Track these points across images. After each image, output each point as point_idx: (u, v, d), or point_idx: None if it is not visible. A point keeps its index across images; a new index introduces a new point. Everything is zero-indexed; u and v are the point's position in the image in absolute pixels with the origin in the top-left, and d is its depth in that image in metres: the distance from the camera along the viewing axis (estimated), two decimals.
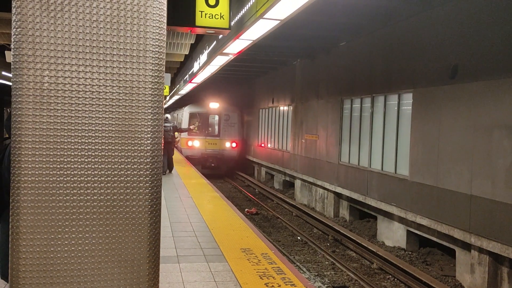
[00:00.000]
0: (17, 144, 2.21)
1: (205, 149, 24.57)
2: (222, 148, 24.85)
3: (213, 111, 25.26)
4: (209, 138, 24.91)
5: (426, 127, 10.36)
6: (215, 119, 25.64)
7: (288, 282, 5.22)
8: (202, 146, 24.59)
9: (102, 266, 2.32)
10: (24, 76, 2.19)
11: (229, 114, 25.32)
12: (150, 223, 2.41)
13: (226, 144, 24.93)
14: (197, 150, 24.43)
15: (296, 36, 13.91)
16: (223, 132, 25.00)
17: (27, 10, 2.20)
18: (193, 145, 24.47)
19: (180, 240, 6.93)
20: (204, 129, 25.05)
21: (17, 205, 2.21)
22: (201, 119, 25.14)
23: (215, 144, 24.82)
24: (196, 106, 25.89)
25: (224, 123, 25.07)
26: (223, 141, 24.95)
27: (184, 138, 24.41)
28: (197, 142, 24.55)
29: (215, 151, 24.73)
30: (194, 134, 24.41)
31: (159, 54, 2.41)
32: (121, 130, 2.34)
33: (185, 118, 25.41)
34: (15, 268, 2.23)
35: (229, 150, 25.02)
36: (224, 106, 25.72)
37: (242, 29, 7.34)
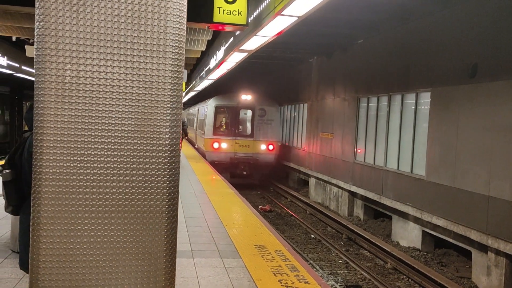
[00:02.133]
0: (38, 136, 2.25)
1: (235, 152, 19.75)
2: (256, 151, 19.88)
3: (245, 105, 20.18)
4: (239, 139, 19.92)
5: (444, 126, 10.21)
6: (247, 114, 20.74)
7: (302, 279, 5.21)
8: (231, 149, 19.71)
9: (120, 258, 2.35)
10: (46, 69, 2.22)
11: (265, 108, 20.23)
12: (167, 217, 2.43)
13: (261, 146, 19.93)
14: (224, 154, 19.69)
15: (312, 33, 13.84)
16: (257, 132, 20.02)
17: (50, 5, 2.23)
18: (219, 148, 19.65)
19: (195, 235, 6.96)
20: (234, 127, 20.04)
21: (38, 196, 2.25)
22: (230, 114, 20.21)
23: (247, 147, 19.87)
24: (223, 98, 20.64)
25: (259, 119, 20.09)
26: (257, 142, 19.95)
27: (209, 138, 19.81)
28: (224, 144, 19.65)
29: (247, 156, 19.81)
30: (221, 134, 19.85)
31: (179, 50, 2.42)
32: (140, 125, 2.36)
33: (209, 113, 20.23)
34: (35, 258, 2.27)
35: (264, 154, 20.05)
36: (259, 99, 20.65)
37: (259, 25, 7.33)
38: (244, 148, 19.90)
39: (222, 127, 20.12)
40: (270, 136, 20.16)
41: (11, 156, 3.41)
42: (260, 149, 19.97)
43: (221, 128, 20.06)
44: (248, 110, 20.43)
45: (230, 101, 20.33)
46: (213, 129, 19.52)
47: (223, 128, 20.16)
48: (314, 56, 18.50)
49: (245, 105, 20.23)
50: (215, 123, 19.93)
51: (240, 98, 20.16)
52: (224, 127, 20.23)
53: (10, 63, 18.04)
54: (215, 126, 19.53)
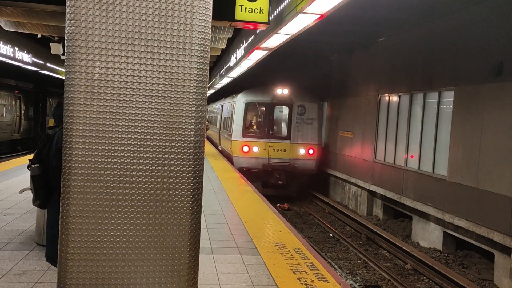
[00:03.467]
0: (68, 132, 2.31)
1: (268, 158, 16.59)
2: (294, 156, 16.68)
3: (281, 100, 17.05)
4: (274, 141, 16.69)
5: (467, 126, 10.03)
6: (283, 112, 17.62)
7: (321, 278, 5.20)
8: (264, 153, 16.56)
9: (145, 251, 2.40)
10: (76, 67, 2.28)
11: (305, 105, 17.02)
12: (191, 212, 2.47)
13: (300, 150, 16.71)
14: (255, 160, 16.59)
15: (333, 31, 13.74)
16: (295, 133, 16.81)
17: (81, 3, 2.29)
18: (250, 152, 16.59)
19: (214, 232, 7.01)
20: (267, 127, 16.85)
21: (68, 190, 2.31)
22: (263, 112, 17.15)
23: (283, 151, 16.64)
24: (255, 93, 17.57)
25: (298, 118, 16.91)
26: (295, 146, 16.70)
27: (237, 141, 16.81)
28: (256, 147, 16.52)
29: (283, 162, 16.65)
30: (251, 136, 16.89)
31: (204, 47, 2.45)
32: (166, 121, 2.40)
33: (238, 111, 17.19)
34: (64, 251, 2.34)
35: (304, 160, 16.83)
36: (298, 93, 17.41)
37: (281, 23, 7.32)
38: (280, 152, 16.70)
39: (253, 127, 17.21)
40: (311, 138, 16.91)
41: (39, 151, 3.50)
42: (298, 153, 16.74)
43: (252, 128, 17.16)
44: (285, 107, 17.24)
45: (263, 96, 17.11)
46: (242, 129, 16.58)
47: (254, 128, 17.24)
48: (335, 54, 18.37)
49: (281, 101, 17.01)
50: (245, 122, 16.97)
51: (275, 93, 16.92)
52: (255, 127, 17.28)
53: (35, 60, 18.44)
54: (245, 126, 16.66)
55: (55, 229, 2.71)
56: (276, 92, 16.98)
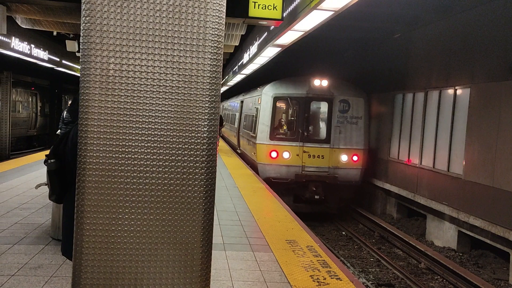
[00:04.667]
0: (83, 128, 2.33)
1: (302, 166, 13.40)
2: (334, 164, 13.52)
3: (319, 94, 13.78)
4: (310, 145, 13.51)
5: (483, 124, 9.88)
6: (321, 109, 14.32)
7: (334, 276, 5.19)
8: (297, 160, 13.42)
9: (158, 247, 2.42)
10: (91, 63, 2.30)
11: (348, 100, 13.83)
12: (204, 208, 2.48)
13: (342, 157, 13.57)
14: (287, 169, 13.47)
15: (347, 27, 13.62)
16: (336, 135, 13.60)
17: (96, 0, 2.30)
18: (279, 159, 13.47)
19: (227, 229, 7.04)
20: (302, 128, 13.63)
21: (82, 185, 2.34)
22: (296, 109, 13.92)
23: (321, 158, 13.46)
24: (286, 85, 14.22)
25: (340, 117, 13.73)
26: (336, 151, 13.54)
27: (263, 145, 13.71)
28: (287, 153, 13.46)
29: (321, 171, 13.47)
30: (281, 138, 13.74)
31: (218, 44, 2.45)
32: (180, 118, 2.41)
33: (264, 107, 13.99)
34: (79, 245, 2.37)
35: (346, 169, 13.65)
36: (340, 86, 14.15)
37: (295, 20, 7.29)
38: (317, 159, 13.41)
39: (283, 128, 13.94)
40: (356, 141, 13.68)
41: (56, 146, 3.55)
42: (340, 160, 13.52)
43: (282, 129, 13.91)
44: (323, 103, 13.97)
45: (296, 88, 13.89)
46: (270, 130, 13.54)
47: (284, 129, 13.96)
48: (349, 51, 18.23)
49: (319, 95, 13.77)
50: (273, 121, 13.75)
51: (312, 85, 13.74)
52: (286, 127, 14.02)
53: (51, 57, 18.68)
54: (273, 126, 13.61)
55: (70, 223, 2.74)
56: (313, 84, 13.72)
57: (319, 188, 13.37)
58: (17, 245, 5.58)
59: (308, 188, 13.38)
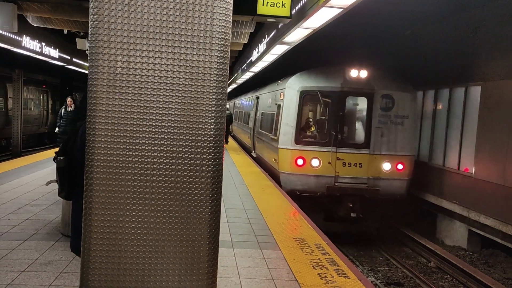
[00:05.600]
0: (91, 125, 2.35)
1: (336, 176, 11.10)
2: (375, 174, 11.09)
3: (356, 88, 11.27)
4: (345, 151, 11.12)
5: (494, 122, 9.77)
6: (358, 106, 11.87)
7: (342, 274, 5.18)
8: (329, 169, 11.08)
9: (165, 244, 2.43)
10: (99, 61, 2.32)
11: (392, 95, 11.25)
12: (211, 205, 2.49)
13: (384, 165, 11.11)
14: (316, 180, 11.12)
15: (357, 24, 13.54)
16: (376, 138, 11.15)
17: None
18: (306, 167, 11.12)
19: (235, 226, 7.05)
20: (335, 129, 11.14)
21: (90, 182, 2.36)
22: (328, 106, 11.40)
23: (358, 166, 11.11)
24: (315, 77, 11.67)
25: (382, 116, 11.22)
26: (377, 158, 11.10)
27: (287, 150, 11.36)
28: (316, 160, 11.11)
29: (359, 183, 11.09)
30: (309, 142, 11.33)
31: (225, 41, 2.45)
32: (186, 115, 2.42)
33: (289, 103, 11.60)
34: (87, 241, 2.39)
35: (390, 180, 11.18)
36: (382, 78, 11.52)
37: (303, 17, 7.27)
38: (353, 168, 11.05)
39: (311, 129, 11.66)
40: (401, 146, 11.14)
41: (65, 143, 3.59)
42: (382, 170, 11.05)
43: (310, 130, 11.64)
44: (361, 98, 11.43)
45: (328, 81, 11.32)
46: (295, 132, 11.18)
47: (312, 130, 11.64)
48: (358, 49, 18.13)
49: (357, 89, 11.20)
50: (300, 121, 11.31)
51: (348, 76, 11.20)
52: (314, 129, 11.68)
53: (61, 55, 18.83)
54: (300, 127, 11.29)
55: (79, 220, 2.77)
56: (349, 75, 11.13)
57: (356, 204, 10.94)
58: (28, 241, 5.65)
59: (342, 204, 10.98)
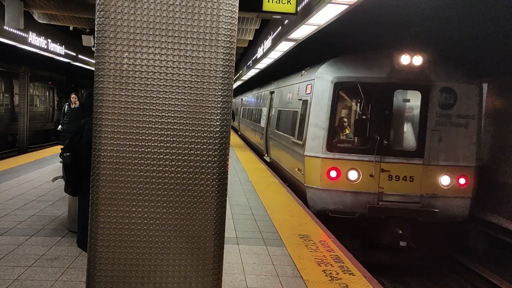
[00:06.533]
0: (98, 121, 2.36)
1: (379, 193, 8.70)
2: (431, 191, 8.71)
3: (407, 79, 8.79)
4: (391, 160, 8.72)
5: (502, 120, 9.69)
6: (410, 103, 9.31)
7: (347, 270, 5.18)
8: (371, 183, 8.71)
9: (171, 240, 2.44)
10: (106, 57, 2.32)
11: (454, 88, 8.85)
12: (216, 202, 2.49)
13: (443, 179, 8.75)
14: (354, 197, 8.76)
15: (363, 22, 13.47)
16: (434, 144, 8.75)
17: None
18: (341, 181, 8.80)
19: (240, 223, 7.07)
20: (379, 132, 8.70)
21: (97, 178, 2.37)
22: (370, 102, 8.85)
23: (409, 180, 8.70)
24: (353, 65, 9.19)
25: (441, 115, 8.80)
26: (433, 170, 8.74)
27: (317, 158, 8.96)
28: (354, 172, 8.76)
29: (411, 201, 8.68)
30: (345, 149, 8.97)
31: (231, 38, 2.45)
32: (192, 112, 2.43)
33: (319, 98, 9.16)
34: (93, 237, 2.40)
35: (450, 198, 8.77)
36: (440, 65, 9.10)
37: (309, 13, 7.23)
38: (403, 183, 8.64)
39: (345, 131, 9.26)
40: (464, 154, 8.81)
41: (71, 140, 3.61)
42: (439, 185, 8.68)
43: (344, 133, 9.25)
44: (414, 92, 8.98)
45: (371, 69, 8.87)
46: (327, 135, 8.77)
47: (346, 133, 9.25)
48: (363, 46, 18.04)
49: (408, 80, 8.75)
50: (333, 121, 8.89)
51: (397, 63, 8.77)
52: (349, 131, 9.29)
53: (67, 52, 18.90)
54: (332, 129, 8.87)
55: (85, 216, 2.79)
56: (399, 62, 8.64)
57: (407, 229, 8.40)
58: (34, 236, 5.69)
59: (388, 229, 8.47)
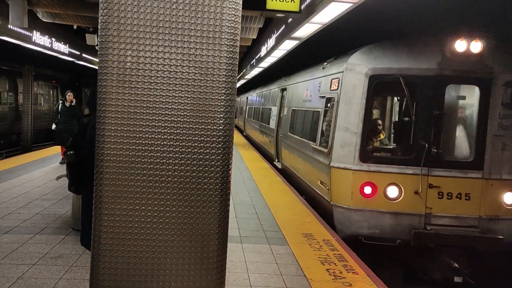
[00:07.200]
0: (101, 119, 2.36)
1: (427, 214, 6.49)
2: (493, 212, 6.47)
3: (463, 71, 6.53)
4: (442, 173, 6.51)
5: None
6: (464, 100, 6.98)
7: (350, 269, 5.17)
8: (416, 203, 6.50)
9: (174, 238, 2.44)
10: (109, 56, 2.32)
11: None
12: (220, 200, 2.49)
13: (506, 197, 6.50)
14: (394, 220, 6.55)
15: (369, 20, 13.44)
16: (496, 153, 6.51)
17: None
18: (379, 199, 6.57)
19: (243, 222, 7.07)
20: (426, 139, 6.52)
21: (100, 176, 2.37)
22: (415, 101, 6.55)
23: (464, 199, 6.45)
24: (392, 53, 6.76)
25: (505, 116, 6.51)
26: (495, 186, 6.46)
27: (348, 171, 6.72)
28: (394, 189, 6.55)
29: (466, 225, 6.45)
30: (382, 160, 6.76)
31: (234, 36, 2.44)
32: (196, 110, 2.42)
33: (350, 95, 6.85)
34: (97, 235, 2.41)
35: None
36: (503, 53, 6.61)
37: (313, 12, 7.21)
38: (457, 202, 6.61)
39: (379, 137, 7.59)
40: None
41: (74, 138, 3.62)
42: (502, 204, 6.62)
43: (377, 139, 7.59)
44: (470, 87, 6.90)
45: (417, 59, 6.75)
46: (361, 142, 6.78)
47: (382, 139, 7.63)
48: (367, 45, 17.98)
49: (463, 72, 6.66)
50: (366, 124, 6.84)
51: (450, 51, 6.67)
52: (384, 136, 7.68)
53: (71, 50, 18.94)
54: (366, 134, 6.86)
55: (89, 214, 2.79)
56: (452, 49, 6.68)
57: (463, 261, 6.52)
58: (39, 235, 5.71)
59: (439, 260, 6.63)
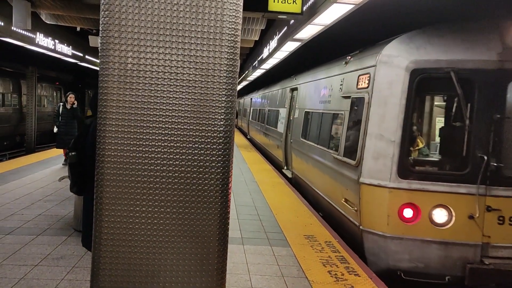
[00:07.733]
0: (102, 121, 2.37)
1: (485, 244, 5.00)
2: None
3: None
4: (503, 194, 4.96)
5: None
6: None
7: (352, 271, 5.16)
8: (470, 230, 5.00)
9: (175, 239, 2.44)
10: (110, 57, 2.33)
11: None
12: (220, 201, 2.49)
13: None
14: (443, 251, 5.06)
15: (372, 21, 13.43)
16: None
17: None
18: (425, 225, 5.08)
19: (245, 223, 7.07)
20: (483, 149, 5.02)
21: (101, 177, 2.37)
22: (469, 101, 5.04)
23: None
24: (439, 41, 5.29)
25: None
26: None
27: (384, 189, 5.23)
28: (443, 212, 5.07)
29: None
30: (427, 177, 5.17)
31: (235, 37, 2.45)
32: (196, 111, 2.43)
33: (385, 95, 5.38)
34: (98, 236, 2.41)
35: None
36: None
37: (315, 13, 7.21)
38: None
39: (419, 145, 5.44)
40: None
41: (76, 139, 3.63)
42: None
43: (416, 147, 5.43)
44: None
45: (470, 49, 5.18)
46: (400, 153, 5.22)
47: (420, 148, 5.46)
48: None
49: None
50: (407, 131, 5.24)
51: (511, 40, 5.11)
52: (423, 144, 5.50)
53: (74, 52, 19.01)
54: (406, 144, 5.26)
55: (90, 215, 2.80)
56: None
57: None
58: (41, 236, 5.73)
59: None
